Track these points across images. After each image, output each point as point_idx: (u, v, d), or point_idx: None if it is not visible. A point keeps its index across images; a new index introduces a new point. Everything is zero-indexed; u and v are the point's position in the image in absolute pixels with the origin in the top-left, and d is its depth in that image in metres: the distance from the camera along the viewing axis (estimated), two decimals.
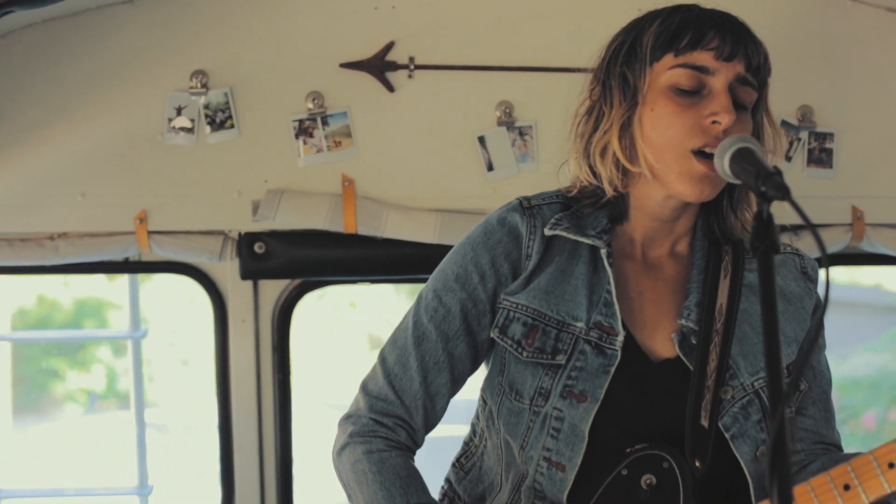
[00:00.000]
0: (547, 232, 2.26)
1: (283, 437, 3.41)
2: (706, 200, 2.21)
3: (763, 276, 1.76)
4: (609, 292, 2.22)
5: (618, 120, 2.20)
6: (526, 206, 2.30)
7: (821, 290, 3.39)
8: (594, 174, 2.24)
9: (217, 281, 3.36)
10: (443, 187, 3.29)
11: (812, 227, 1.76)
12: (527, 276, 2.25)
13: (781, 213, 3.37)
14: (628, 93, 2.20)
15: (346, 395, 2.46)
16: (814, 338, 1.71)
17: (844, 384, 7.55)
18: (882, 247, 3.40)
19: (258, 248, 3.27)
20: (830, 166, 3.38)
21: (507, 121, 3.28)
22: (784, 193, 1.86)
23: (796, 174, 3.37)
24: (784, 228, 3.40)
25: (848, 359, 7.94)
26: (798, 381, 2.27)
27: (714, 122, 2.13)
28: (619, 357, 2.19)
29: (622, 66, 2.22)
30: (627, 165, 2.20)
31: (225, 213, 3.27)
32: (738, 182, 2.02)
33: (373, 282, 3.40)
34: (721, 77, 2.15)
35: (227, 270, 3.34)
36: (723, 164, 2.00)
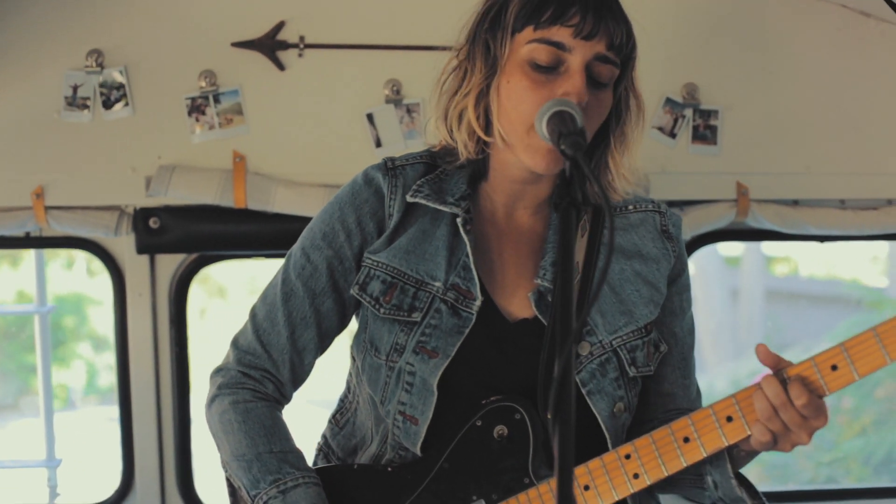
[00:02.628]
0: (409, 198, 2.31)
1: (181, 410, 3.48)
2: (554, 173, 2.24)
3: (562, 231, 1.79)
4: (468, 256, 2.28)
5: (476, 87, 2.21)
6: (390, 167, 2.35)
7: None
8: (451, 137, 2.28)
9: (115, 255, 3.43)
10: (332, 163, 3.35)
11: (605, 198, 1.76)
12: (389, 235, 2.31)
13: (669, 188, 3.45)
14: (489, 61, 2.21)
15: None
16: (602, 277, 1.73)
17: None
18: (767, 222, 3.44)
19: (153, 223, 3.33)
20: (715, 143, 3.44)
21: (395, 98, 3.34)
22: (575, 150, 1.89)
23: (681, 151, 3.43)
24: (672, 204, 3.46)
25: (811, 351, 7.93)
26: (581, 331, 2.28)
27: None
28: (474, 319, 2.25)
29: (486, 33, 2.22)
30: (481, 134, 2.23)
31: (120, 188, 3.34)
32: (551, 143, 2.07)
33: (267, 256, 3.45)
34: (578, 56, 2.14)
35: (124, 245, 3.41)
36: (542, 126, 2.06)
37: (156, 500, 3.51)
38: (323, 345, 2.40)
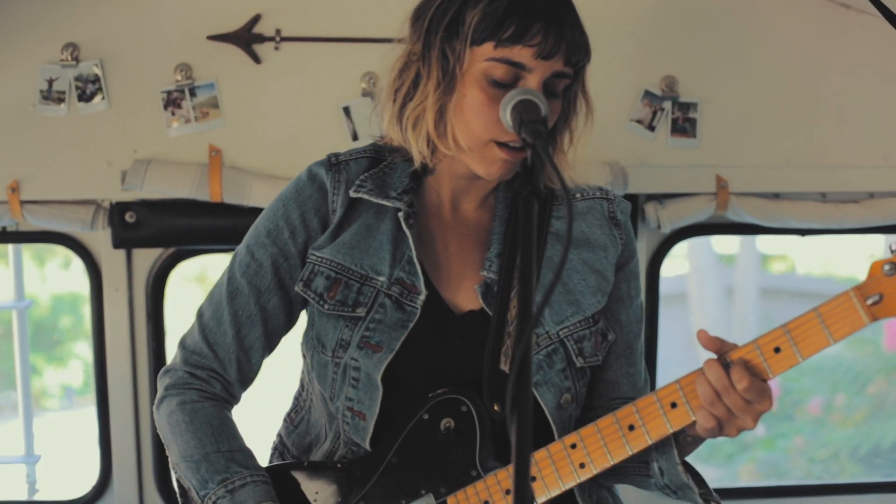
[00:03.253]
0: (352, 194, 2.30)
1: None
2: (505, 179, 2.24)
3: (524, 222, 1.77)
4: (411, 250, 2.26)
5: (434, 101, 2.17)
6: (333, 163, 2.35)
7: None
8: (405, 140, 2.25)
9: (91, 250, 3.42)
10: (308, 157, 3.22)
11: (565, 189, 1.74)
12: (332, 230, 2.30)
13: (647, 181, 3.44)
14: (447, 73, 2.16)
15: None
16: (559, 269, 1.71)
17: (789, 371, 7.51)
18: (747, 215, 3.43)
19: (129, 217, 3.32)
20: (694, 136, 3.42)
21: (372, 91, 3.32)
22: (535, 138, 1.88)
23: (660, 144, 3.41)
24: (651, 197, 3.45)
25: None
26: (538, 319, 2.25)
27: None
28: (418, 314, 2.24)
29: (443, 41, 2.17)
30: (438, 144, 2.22)
31: (96, 182, 3.32)
32: (513, 130, 2.06)
33: None
34: (537, 75, 2.12)
35: (100, 239, 3.40)
36: (505, 114, 2.05)
37: (133, 495, 3.50)
38: (270, 343, 2.38)
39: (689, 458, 2.25)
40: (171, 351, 3.38)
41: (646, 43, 3.39)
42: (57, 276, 9.48)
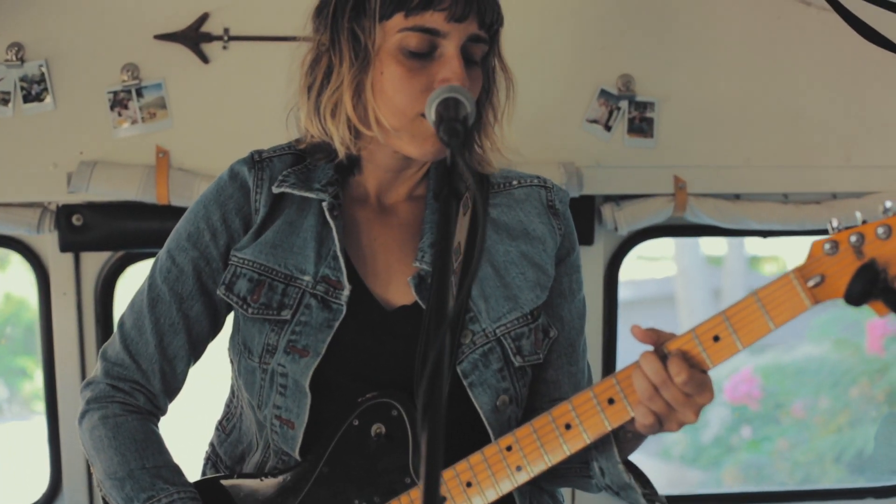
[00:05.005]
0: (274, 189, 2.23)
1: None
2: (436, 160, 2.17)
3: (442, 221, 1.71)
4: (335, 244, 2.18)
5: (350, 81, 2.12)
6: (256, 160, 2.28)
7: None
8: (325, 132, 2.19)
9: (39, 253, 3.36)
10: None
11: (480, 192, 1.72)
12: (255, 230, 2.23)
13: (604, 182, 3.37)
14: (360, 52, 2.11)
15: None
16: (478, 259, 1.65)
17: (772, 373, 7.51)
18: (705, 216, 3.36)
19: (76, 220, 3.26)
20: (652, 136, 3.35)
21: None
22: (451, 136, 1.83)
23: (617, 144, 3.35)
24: (607, 198, 3.39)
25: (794, 351, 7.90)
26: (461, 320, 2.18)
27: None
28: (344, 311, 2.16)
29: (350, 21, 2.12)
30: (361, 128, 2.15)
31: (42, 185, 3.26)
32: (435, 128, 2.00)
33: None
34: (453, 40, 2.07)
35: (47, 243, 3.34)
36: (430, 113, 1.99)
37: (84, 502, 3.43)
38: (195, 351, 2.31)
39: (675, 459, 2.17)
40: None
41: (602, 41, 3.32)
42: None
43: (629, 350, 3.55)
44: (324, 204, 2.20)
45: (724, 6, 3.36)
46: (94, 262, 3.37)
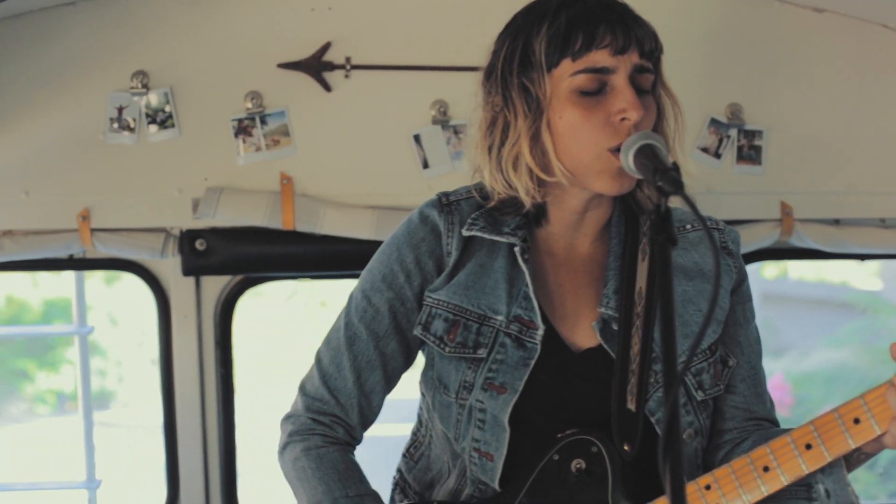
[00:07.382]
0: (464, 233, 2.31)
1: (226, 433, 3.46)
2: (626, 192, 2.25)
3: (661, 267, 1.80)
4: (527, 285, 2.27)
5: (526, 132, 2.20)
6: (445, 203, 2.35)
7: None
8: (510, 185, 2.27)
9: (160, 277, 3.41)
10: (379, 185, 3.35)
11: (704, 224, 1.83)
12: (448, 272, 2.31)
13: (714, 208, 3.46)
14: (532, 103, 2.20)
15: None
16: (709, 312, 1.74)
17: (802, 379, 7.63)
18: (811, 241, 3.46)
19: (199, 244, 3.32)
20: (760, 163, 3.44)
21: (442, 119, 3.34)
22: (677, 188, 1.90)
23: (726, 171, 3.44)
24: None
25: (808, 354, 8.01)
26: (689, 364, 2.29)
27: (623, 118, 2.16)
28: (538, 350, 2.25)
29: (519, 76, 2.21)
30: (542, 176, 2.23)
31: (166, 210, 3.32)
32: (640, 177, 2.09)
33: (312, 277, 3.45)
34: (621, 73, 2.16)
35: (169, 267, 3.39)
36: (627, 160, 2.08)
37: None
38: (390, 385, 2.41)
39: None
40: (240, 378, 3.44)
41: (711, 71, 3.42)
42: (47, 281, 9.41)
43: None
44: (515, 249, 2.29)
45: (826, 38, 3.46)
46: (214, 285, 3.43)
